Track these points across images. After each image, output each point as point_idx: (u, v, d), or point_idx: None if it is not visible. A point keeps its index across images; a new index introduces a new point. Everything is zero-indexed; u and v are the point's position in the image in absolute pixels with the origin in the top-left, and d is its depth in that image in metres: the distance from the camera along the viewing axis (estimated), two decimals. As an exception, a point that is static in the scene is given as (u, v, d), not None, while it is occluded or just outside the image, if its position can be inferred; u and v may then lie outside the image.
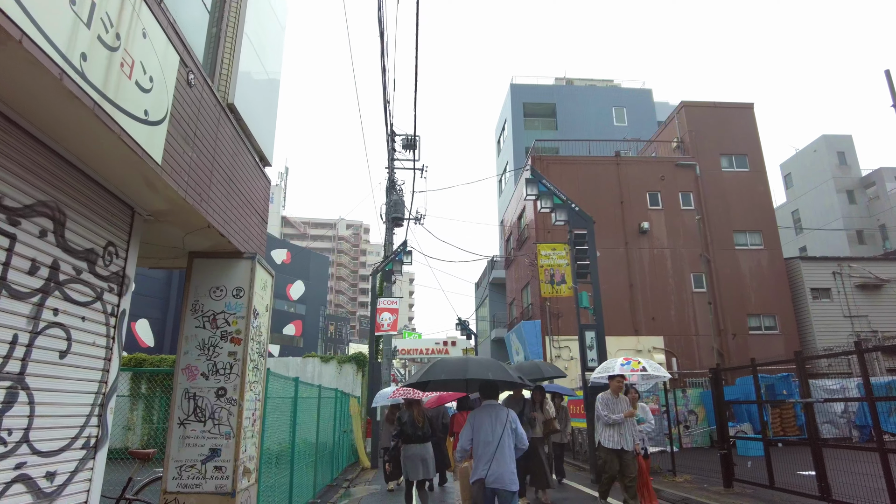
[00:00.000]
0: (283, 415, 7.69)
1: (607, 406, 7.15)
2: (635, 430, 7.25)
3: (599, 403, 7.18)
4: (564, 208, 12.05)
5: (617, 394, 7.27)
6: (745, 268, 21.14)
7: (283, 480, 7.60)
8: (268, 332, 5.35)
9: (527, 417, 7.96)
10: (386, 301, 16.70)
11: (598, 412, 7.16)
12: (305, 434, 9.22)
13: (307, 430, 9.39)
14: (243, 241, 4.98)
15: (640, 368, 7.78)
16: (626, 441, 7.00)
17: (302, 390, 8.56)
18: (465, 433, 4.79)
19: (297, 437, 8.51)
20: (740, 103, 23.47)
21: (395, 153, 20.88)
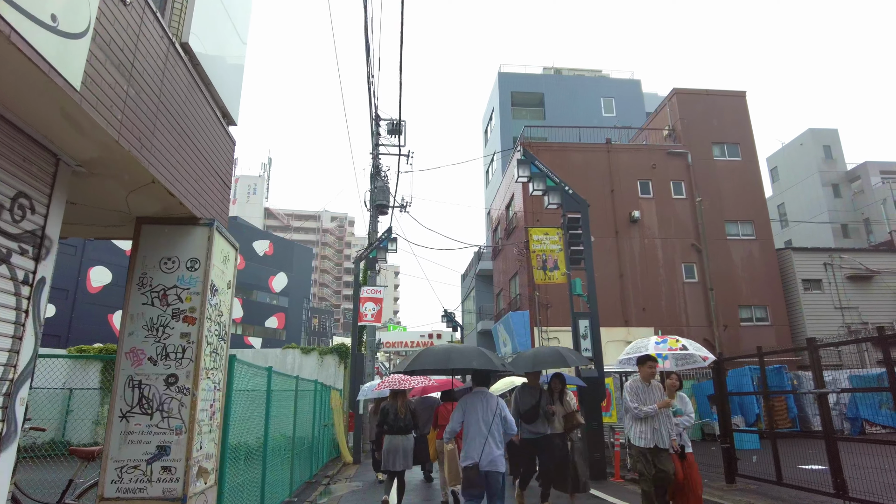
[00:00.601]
0: (254, 407, 7.02)
1: (637, 396, 5.85)
2: (671, 423, 5.96)
3: (628, 393, 5.94)
4: (557, 191, 11.47)
5: (648, 380, 5.91)
6: (736, 258, 20.79)
7: (255, 478, 6.94)
8: (230, 313, 4.67)
9: (543, 410, 6.92)
10: (370, 290, 16.03)
11: (626, 403, 5.94)
12: (281, 428, 8.56)
13: (283, 424, 8.72)
14: (200, 206, 4.29)
15: (679, 347, 6.56)
16: (661, 437, 5.77)
17: (276, 381, 7.89)
18: (456, 417, 5.06)
19: (272, 431, 7.85)
20: (733, 91, 23.09)
21: (379, 138, 20.16)
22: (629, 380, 6.12)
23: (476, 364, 5.03)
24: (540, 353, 7.64)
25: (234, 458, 6.05)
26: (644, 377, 5.93)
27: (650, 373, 5.92)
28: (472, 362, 5.03)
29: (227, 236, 4.62)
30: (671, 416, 6.01)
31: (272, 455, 7.91)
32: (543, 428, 6.97)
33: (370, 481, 11.03)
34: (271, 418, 7.67)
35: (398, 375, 8.55)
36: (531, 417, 6.90)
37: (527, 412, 6.93)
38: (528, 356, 7.42)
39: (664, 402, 5.81)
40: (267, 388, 7.29)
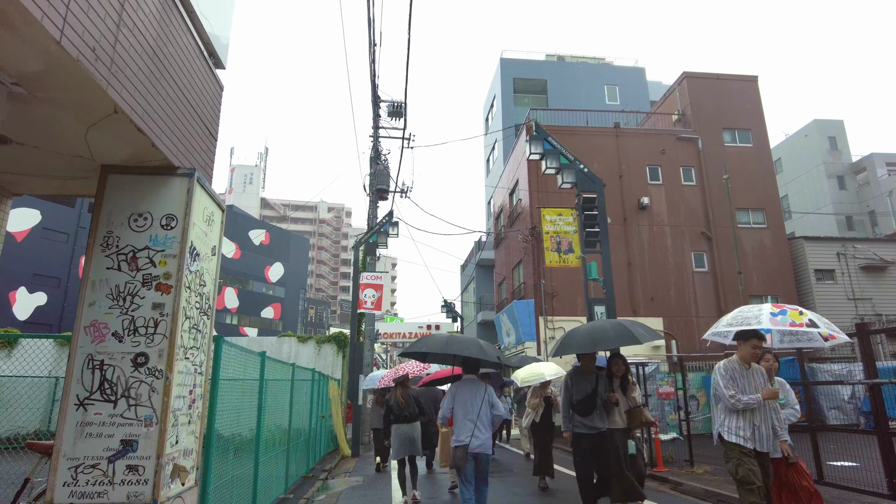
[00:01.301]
0: (246, 396, 6.35)
1: (734, 380, 4.42)
2: (777, 418, 4.54)
3: (721, 377, 4.48)
4: (572, 169, 10.76)
5: (749, 363, 4.52)
6: (747, 247, 20.15)
7: (246, 474, 6.27)
8: (214, 284, 3.97)
9: (601, 399, 5.77)
10: (369, 276, 15.33)
11: (718, 390, 4.49)
12: (276, 419, 7.89)
13: (278, 415, 8.05)
14: (178, 152, 3.57)
15: (806, 323, 4.57)
16: (761, 438, 4.37)
17: (270, 368, 7.20)
18: (447, 403, 5.44)
19: (266, 423, 7.17)
20: (744, 76, 22.37)
21: (379, 119, 19.40)
22: (722, 361, 4.64)
23: (474, 353, 5.40)
24: (599, 328, 5.95)
25: (222, 453, 5.38)
26: (744, 358, 4.50)
27: (753, 354, 4.48)
28: (471, 350, 5.41)
29: (212, 193, 3.91)
30: (777, 409, 4.60)
31: (266, 448, 7.24)
32: (602, 422, 5.77)
33: (370, 475, 10.38)
34: (265, 408, 7.00)
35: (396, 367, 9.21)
36: (587, 409, 5.73)
37: (581, 402, 5.76)
38: (582, 333, 5.98)
39: (770, 392, 4.40)
40: (260, 375, 6.61)
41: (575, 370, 6.07)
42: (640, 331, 5.74)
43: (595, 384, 5.78)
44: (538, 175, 19.43)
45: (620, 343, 5.69)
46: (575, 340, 5.90)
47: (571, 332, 6.17)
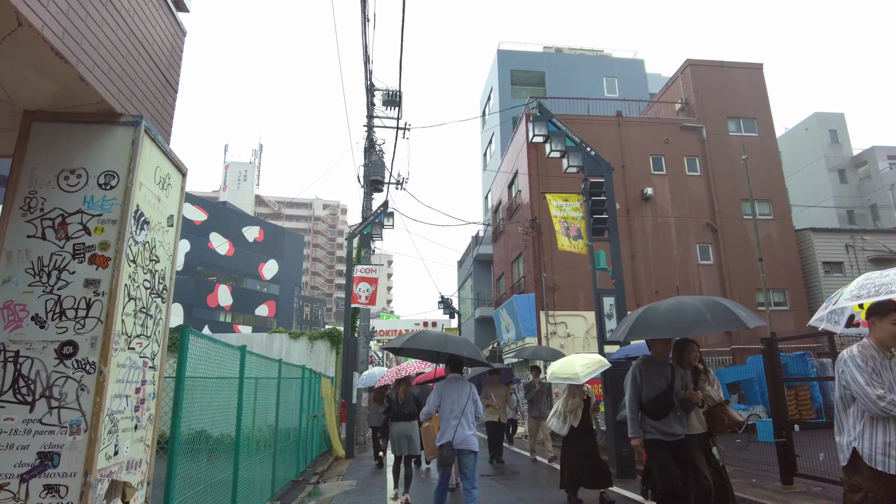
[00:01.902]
0: (222, 395, 5.69)
1: (877, 374, 2.96)
2: None
3: (855, 368, 2.99)
4: (578, 152, 10.12)
5: (890, 348, 3.07)
6: (753, 239, 19.54)
7: (225, 480, 5.62)
8: (172, 262, 3.31)
9: (678, 397, 4.47)
10: (364, 269, 14.65)
11: (853, 388, 2.99)
12: (260, 420, 7.23)
13: (263, 416, 7.39)
14: (123, 97, 2.90)
15: None
16: None
17: (253, 365, 6.53)
18: (433, 400, 5.54)
19: (248, 424, 6.52)
20: (749, 63, 21.78)
21: (374, 108, 18.71)
22: (854, 347, 3.11)
23: (470, 354, 5.61)
24: (689, 306, 4.34)
25: (193, 460, 4.72)
26: (883, 341, 3.03)
27: None
28: (467, 350, 5.63)
29: (169, 151, 3.24)
30: None
31: (248, 452, 6.58)
32: (681, 426, 4.47)
33: (365, 478, 9.73)
34: (247, 408, 6.35)
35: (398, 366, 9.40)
36: (662, 409, 4.42)
37: (654, 402, 4.45)
38: (666, 312, 4.40)
39: None
40: (240, 371, 5.94)
41: (645, 361, 4.74)
42: (743, 313, 4.25)
43: (671, 378, 4.54)
44: (539, 165, 18.81)
45: (720, 327, 4.33)
46: (655, 321, 4.41)
47: (650, 311, 4.57)
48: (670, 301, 4.62)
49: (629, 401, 4.67)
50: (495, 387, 10.76)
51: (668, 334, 4.42)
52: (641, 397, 4.57)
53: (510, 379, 11.90)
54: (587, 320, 17.38)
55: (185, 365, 4.06)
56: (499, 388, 10.81)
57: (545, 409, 10.10)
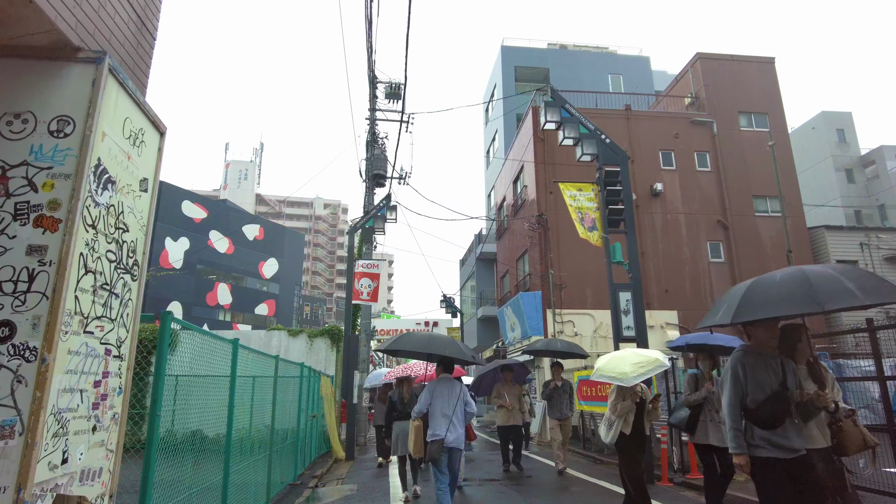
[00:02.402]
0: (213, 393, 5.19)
1: None
2: None
3: None
4: (592, 140, 9.61)
5: None
6: (765, 237, 19.06)
7: (214, 486, 5.12)
8: (147, 234, 2.80)
9: (793, 396, 3.34)
10: (365, 264, 14.14)
11: None
12: (255, 421, 6.73)
13: (258, 416, 6.89)
14: (83, 28, 2.40)
15: None
16: None
17: (247, 360, 6.03)
18: (424, 399, 5.65)
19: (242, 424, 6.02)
20: (760, 57, 21.26)
21: (376, 100, 18.22)
22: None
23: (453, 353, 5.76)
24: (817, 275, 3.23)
25: (177, 465, 4.22)
26: None
27: None
28: (450, 349, 5.77)
29: (141, 100, 2.73)
30: None
31: (241, 454, 6.08)
32: (801, 440, 3.33)
33: (366, 482, 9.22)
34: (239, 408, 5.84)
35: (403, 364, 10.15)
36: (776, 415, 3.31)
37: (764, 405, 3.34)
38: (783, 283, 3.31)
39: None
40: (231, 367, 5.44)
41: (746, 352, 3.59)
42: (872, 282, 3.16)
43: (782, 374, 3.43)
44: (546, 159, 18.31)
45: (872, 299, 3.07)
46: (773, 294, 3.27)
47: (762, 282, 3.46)
48: (789, 270, 3.49)
49: (728, 405, 3.52)
50: (508, 385, 9.62)
51: (797, 310, 3.21)
52: (745, 400, 3.47)
53: (526, 376, 10.64)
54: (595, 319, 16.88)
55: (165, 358, 3.57)
56: (512, 387, 9.65)
57: (567, 410, 9.21)
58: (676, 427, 6.14)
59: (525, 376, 10.44)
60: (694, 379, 5.94)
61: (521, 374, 10.12)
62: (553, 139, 18.38)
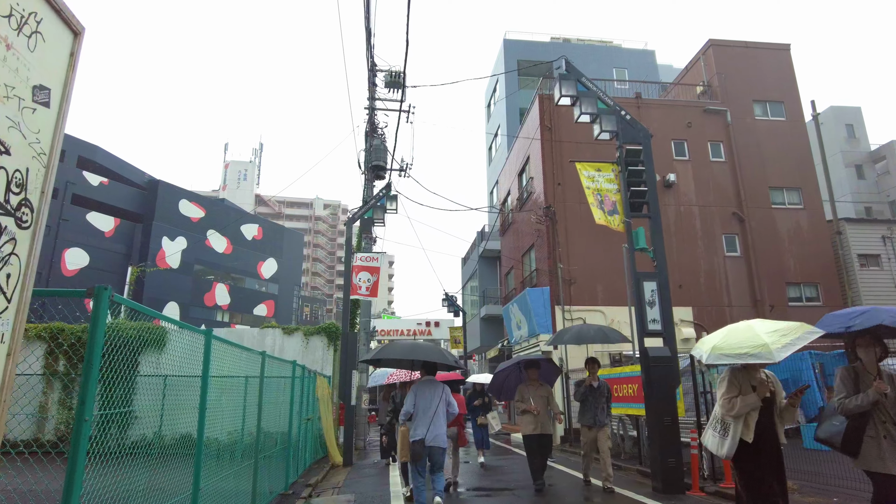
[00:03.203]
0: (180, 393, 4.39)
1: None
2: None
3: None
4: (611, 116, 8.80)
5: None
6: (783, 230, 18.24)
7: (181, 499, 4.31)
8: (49, 168, 1.98)
9: None
10: (364, 257, 13.32)
11: None
12: (237, 423, 5.92)
13: (239, 419, 6.08)
14: None
15: None
16: None
17: (223, 355, 5.21)
18: (409, 401, 5.96)
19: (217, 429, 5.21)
20: (775, 44, 20.47)
21: (375, 88, 17.41)
22: None
23: (435, 358, 5.99)
24: None
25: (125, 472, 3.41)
26: None
27: None
28: (432, 356, 6.00)
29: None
30: None
31: (220, 462, 5.27)
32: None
33: (365, 492, 8.39)
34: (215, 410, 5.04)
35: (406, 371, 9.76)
36: None
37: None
38: None
39: None
40: (203, 367, 4.62)
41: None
42: None
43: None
44: (553, 149, 17.51)
45: None
46: None
47: None
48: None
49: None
50: (533, 386, 7.92)
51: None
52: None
53: (556, 375, 8.74)
54: (606, 315, 16.05)
55: (100, 345, 2.75)
56: (538, 388, 7.92)
57: (603, 416, 7.79)
58: (827, 443, 4.17)
59: (555, 375, 8.67)
60: (852, 374, 4.03)
61: (549, 373, 8.48)
62: (561, 127, 17.59)
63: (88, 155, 40.31)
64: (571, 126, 17.96)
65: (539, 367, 8.08)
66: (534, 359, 8.21)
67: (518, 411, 7.87)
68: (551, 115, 17.79)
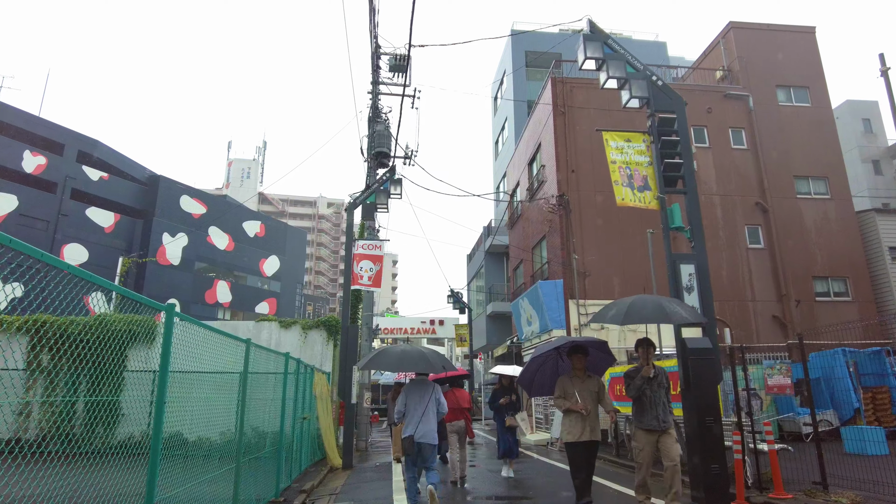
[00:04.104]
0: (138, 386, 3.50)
1: None
2: None
3: None
4: (642, 81, 7.88)
5: None
6: (809, 221, 17.26)
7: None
8: None
9: None
10: (366, 245, 12.43)
11: None
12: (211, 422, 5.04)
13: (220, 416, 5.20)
14: None
15: None
16: None
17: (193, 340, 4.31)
18: (401, 400, 6.26)
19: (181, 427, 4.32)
20: (799, 26, 19.49)
21: (379, 71, 16.54)
22: None
23: (422, 368, 6.11)
24: None
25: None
26: None
27: None
28: (419, 366, 6.08)
29: None
30: None
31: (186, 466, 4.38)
32: None
33: (365, 499, 7.49)
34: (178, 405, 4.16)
35: None
36: None
37: None
38: None
39: None
40: (162, 353, 3.72)
41: None
42: None
43: None
44: (567, 135, 16.59)
45: None
46: None
47: None
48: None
49: None
50: (579, 377, 6.06)
51: None
52: None
53: (609, 363, 6.82)
54: (623, 310, 15.08)
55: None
56: (585, 380, 6.03)
57: (665, 414, 5.76)
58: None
59: (606, 364, 6.75)
60: None
61: (599, 361, 6.55)
62: (576, 112, 16.69)
63: (88, 149, 39.59)
64: (587, 110, 17.06)
65: (587, 353, 6.21)
66: (581, 342, 6.30)
67: (556, 410, 6.69)
68: (565, 99, 16.88)
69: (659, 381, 5.85)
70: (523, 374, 6.90)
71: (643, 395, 5.81)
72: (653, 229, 12.96)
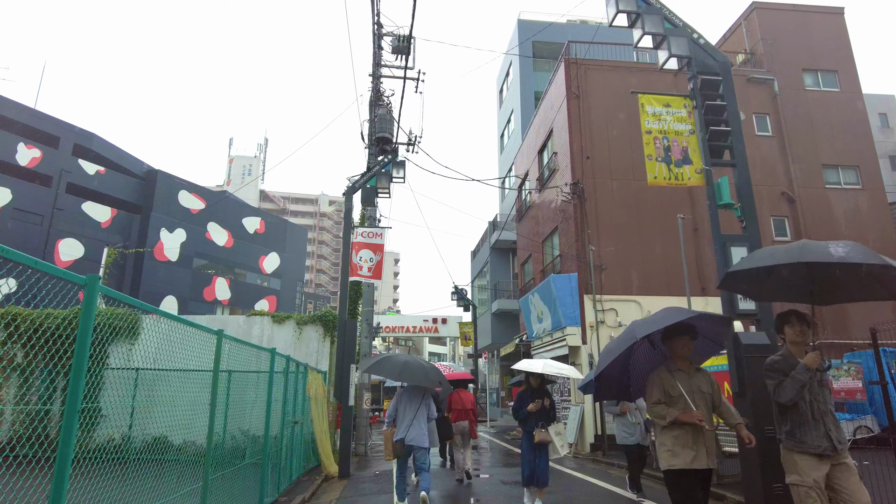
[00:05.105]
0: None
1: None
2: None
3: None
4: (681, 39, 6.84)
5: None
6: (838, 213, 16.20)
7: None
8: None
9: None
10: (366, 233, 11.42)
11: None
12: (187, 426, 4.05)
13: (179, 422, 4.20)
14: None
15: None
16: None
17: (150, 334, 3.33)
18: (393, 405, 6.54)
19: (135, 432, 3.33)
20: (827, 7, 18.43)
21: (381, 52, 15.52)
22: None
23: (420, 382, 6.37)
24: None
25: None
26: None
27: None
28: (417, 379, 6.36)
29: None
30: None
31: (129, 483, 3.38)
32: None
33: (362, 519, 6.50)
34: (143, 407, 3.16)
35: None
36: None
37: None
38: None
39: None
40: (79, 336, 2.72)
41: None
42: None
43: None
44: (583, 117, 15.55)
45: None
46: None
47: None
48: None
49: None
50: (684, 371, 4.04)
51: None
52: None
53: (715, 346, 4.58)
54: (643, 307, 14.07)
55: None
56: (693, 376, 4.06)
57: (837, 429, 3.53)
58: None
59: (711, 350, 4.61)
60: None
61: (706, 346, 4.48)
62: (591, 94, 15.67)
63: (84, 143, 38.65)
64: (603, 93, 16.04)
65: (694, 335, 4.04)
66: (685, 321, 3.98)
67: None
68: (579, 82, 15.84)
69: (821, 377, 3.64)
70: (601, 369, 4.24)
71: (802, 399, 3.54)
72: (683, 214, 11.92)
